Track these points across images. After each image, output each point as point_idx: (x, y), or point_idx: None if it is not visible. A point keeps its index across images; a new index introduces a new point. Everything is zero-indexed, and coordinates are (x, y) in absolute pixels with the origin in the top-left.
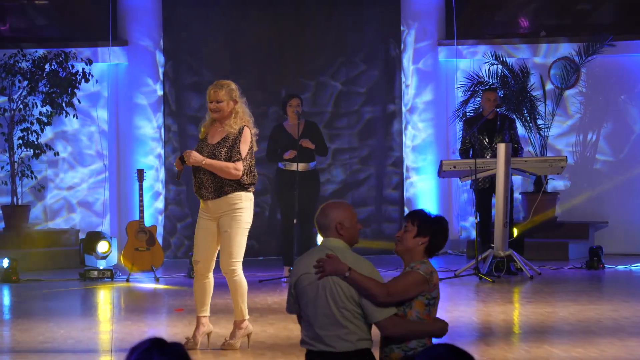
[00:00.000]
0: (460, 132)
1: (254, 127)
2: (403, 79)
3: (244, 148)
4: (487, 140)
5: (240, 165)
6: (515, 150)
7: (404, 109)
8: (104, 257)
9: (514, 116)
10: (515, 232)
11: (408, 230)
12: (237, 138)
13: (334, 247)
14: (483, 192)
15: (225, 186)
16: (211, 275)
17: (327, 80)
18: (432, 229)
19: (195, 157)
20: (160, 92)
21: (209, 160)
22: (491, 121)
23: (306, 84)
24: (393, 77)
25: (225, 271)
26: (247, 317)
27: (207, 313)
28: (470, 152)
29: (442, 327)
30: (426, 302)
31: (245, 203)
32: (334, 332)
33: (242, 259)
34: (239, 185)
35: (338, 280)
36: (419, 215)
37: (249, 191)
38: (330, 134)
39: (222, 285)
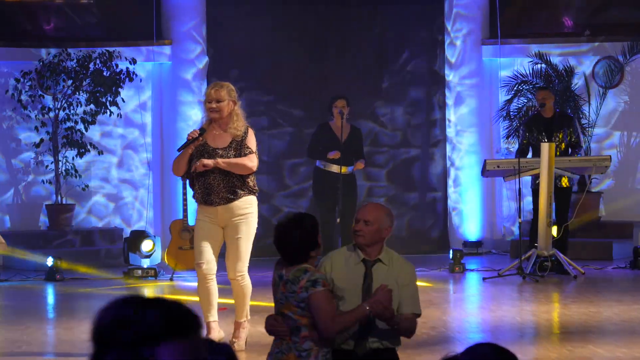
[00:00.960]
0: (505, 132)
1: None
2: (446, 76)
3: (253, 143)
4: (545, 139)
5: (254, 157)
6: (574, 147)
7: (447, 105)
8: (148, 256)
9: (572, 114)
10: (555, 230)
11: None
12: (243, 138)
13: None
14: (538, 192)
15: (238, 190)
16: (215, 277)
17: (369, 81)
18: None
19: (206, 162)
20: (204, 91)
21: (223, 160)
22: (549, 120)
23: (347, 85)
24: (437, 74)
25: (235, 277)
26: (249, 317)
27: (216, 317)
28: (530, 151)
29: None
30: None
31: (254, 208)
32: None
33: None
34: (249, 190)
35: None
36: None
37: (256, 195)
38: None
39: (258, 284)
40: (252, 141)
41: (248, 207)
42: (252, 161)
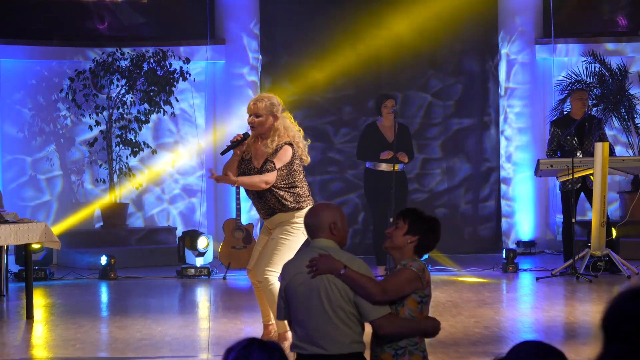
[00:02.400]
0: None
1: (304, 139)
2: (499, 76)
3: (281, 159)
4: (576, 141)
5: (269, 176)
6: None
7: (500, 104)
8: (204, 253)
9: (601, 116)
10: (613, 232)
11: (399, 227)
12: (273, 155)
13: (326, 247)
14: (570, 193)
15: (274, 208)
16: None
17: (421, 80)
18: (423, 228)
19: (226, 179)
20: (258, 90)
21: (240, 179)
22: (579, 122)
23: (402, 82)
24: (491, 74)
25: (260, 279)
26: (288, 328)
27: (272, 320)
28: (559, 153)
29: (435, 325)
30: (419, 300)
31: (300, 219)
32: (328, 334)
33: (279, 272)
34: (290, 208)
35: (333, 279)
36: (411, 214)
37: (302, 208)
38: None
39: None
40: (281, 156)
41: (289, 218)
42: (266, 179)
